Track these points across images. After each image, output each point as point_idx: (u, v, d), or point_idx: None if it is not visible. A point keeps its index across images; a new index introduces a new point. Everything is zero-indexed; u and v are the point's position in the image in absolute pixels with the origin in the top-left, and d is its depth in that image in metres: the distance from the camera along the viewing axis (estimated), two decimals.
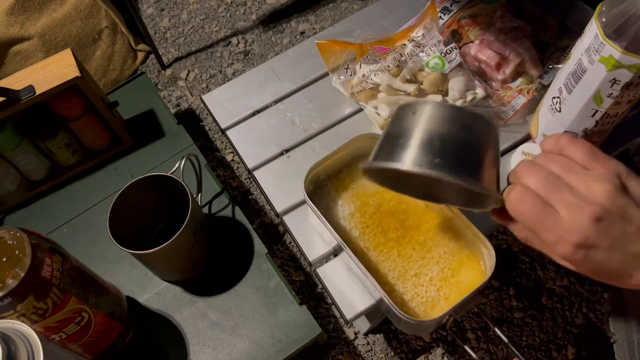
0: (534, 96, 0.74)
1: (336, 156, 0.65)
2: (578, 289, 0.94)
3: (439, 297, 0.59)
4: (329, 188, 0.67)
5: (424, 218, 0.64)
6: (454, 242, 0.62)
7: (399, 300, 0.59)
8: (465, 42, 0.79)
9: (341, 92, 0.80)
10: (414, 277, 0.60)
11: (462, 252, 0.61)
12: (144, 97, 0.94)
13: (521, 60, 0.74)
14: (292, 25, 1.31)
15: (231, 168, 1.11)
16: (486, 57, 0.74)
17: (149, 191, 0.69)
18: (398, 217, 0.64)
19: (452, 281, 0.59)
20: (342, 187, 0.67)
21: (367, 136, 0.64)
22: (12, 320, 0.49)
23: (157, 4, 1.39)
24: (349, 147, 0.65)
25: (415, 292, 0.59)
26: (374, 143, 0.61)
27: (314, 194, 0.67)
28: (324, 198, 0.67)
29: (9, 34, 1.01)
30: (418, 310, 0.58)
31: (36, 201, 0.85)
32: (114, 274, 0.76)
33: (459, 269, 0.60)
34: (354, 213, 0.66)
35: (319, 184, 0.67)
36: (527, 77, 0.75)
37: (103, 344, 0.64)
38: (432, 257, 0.61)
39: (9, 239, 0.51)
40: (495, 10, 0.80)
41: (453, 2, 0.83)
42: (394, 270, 0.61)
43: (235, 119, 0.80)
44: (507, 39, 0.75)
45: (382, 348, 0.90)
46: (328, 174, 0.67)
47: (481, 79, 0.76)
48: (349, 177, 0.68)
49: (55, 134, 0.79)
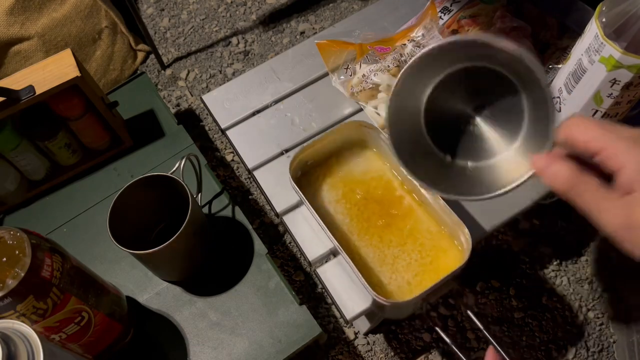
0: None
1: (323, 142, 0.67)
2: (578, 289, 0.94)
3: (416, 282, 0.61)
4: (317, 174, 0.69)
5: (406, 206, 0.66)
6: (434, 230, 0.64)
7: (376, 282, 0.61)
8: None
9: (341, 92, 0.80)
10: (393, 262, 0.63)
11: (441, 239, 0.63)
12: (144, 97, 0.94)
13: None
14: (292, 25, 1.31)
15: (231, 168, 1.11)
16: None
17: (149, 191, 0.69)
18: (382, 204, 0.66)
19: (430, 267, 0.62)
20: (329, 173, 0.69)
21: (354, 123, 0.66)
22: (12, 320, 0.49)
23: (157, 4, 1.39)
24: (336, 134, 0.67)
25: (393, 277, 0.62)
26: (361, 130, 0.63)
27: (302, 179, 0.68)
28: (312, 184, 0.68)
29: (9, 34, 1.01)
30: (395, 293, 0.60)
31: (36, 201, 0.84)
32: (114, 274, 0.76)
33: (437, 255, 0.62)
34: (339, 199, 0.67)
35: (306, 170, 0.69)
36: None
37: (103, 344, 0.64)
38: (412, 244, 0.64)
39: (9, 239, 0.51)
40: (495, 10, 0.80)
41: (453, 2, 0.83)
42: (374, 254, 0.63)
43: (235, 119, 0.80)
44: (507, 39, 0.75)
45: (382, 348, 0.90)
46: (315, 160, 0.69)
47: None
48: (336, 163, 0.70)
49: (55, 134, 0.79)
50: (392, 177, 0.69)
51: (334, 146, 0.69)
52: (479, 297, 0.93)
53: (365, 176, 0.69)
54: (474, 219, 0.68)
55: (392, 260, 0.63)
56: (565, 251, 0.97)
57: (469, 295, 0.93)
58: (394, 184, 0.68)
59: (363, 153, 0.71)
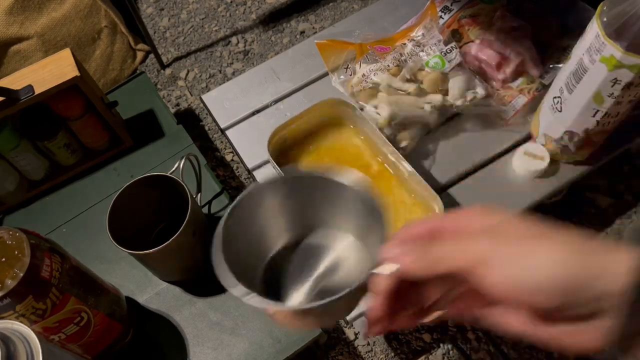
0: (534, 96, 0.73)
1: (300, 120, 0.70)
2: None
3: None
4: (295, 152, 0.72)
5: (382, 180, 0.69)
6: (409, 201, 0.67)
7: None
8: (465, 41, 0.79)
9: (341, 92, 0.80)
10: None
11: (417, 211, 0.66)
12: (143, 96, 0.94)
13: (522, 60, 0.74)
14: (292, 25, 1.31)
15: (231, 168, 1.10)
16: (487, 57, 0.74)
17: (148, 191, 0.69)
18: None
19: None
20: (307, 151, 0.72)
21: (331, 101, 0.69)
22: (11, 321, 0.49)
23: (156, 4, 1.39)
24: (313, 112, 0.70)
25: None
26: (338, 108, 0.67)
27: (281, 158, 0.71)
28: (291, 161, 0.71)
29: (8, 34, 1.01)
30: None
31: (36, 201, 0.84)
32: (113, 274, 0.76)
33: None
34: None
35: (285, 148, 0.72)
36: (528, 77, 0.75)
37: (103, 344, 0.64)
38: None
39: (8, 239, 0.51)
40: (495, 10, 0.80)
41: (453, 2, 0.83)
42: None
43: (235, 118, 0.80)
44: (508, 39, 0.75)
45: (382, 348, 0.90)
46: (294, 139, 0.72)
47: (482, 78, 0.76)
48: (314, 141, 0.73)
49: (55, 134, 0.79)
50: (369, 152, 0.71)
51: (311, 124, 0.72)
52: None
53: (342, 152, 0.72)
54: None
55: None
56: None
57: None
58: (371, 159, 0.70)
59: (340, 130, 0.73)
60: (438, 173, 0.73)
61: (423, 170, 0.73)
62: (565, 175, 0.72)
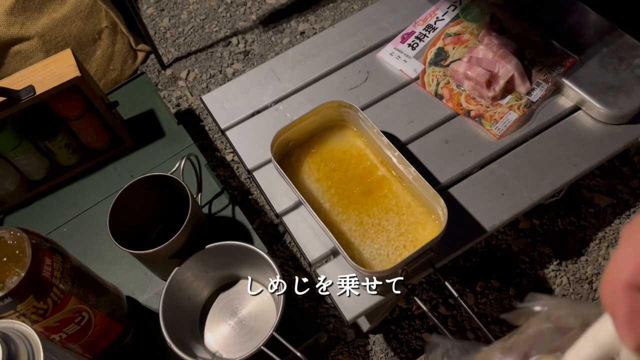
0: (524, 112, 0.74)
1: (303, 122, 0.70)
2: (578, 289, 0.94)
3: (395, 255, 0.64)
4: (298, 154, 0.72)
5: (385, 182, 0.69)
6: (412, 204, 0.67)
7: (357, 256, 0.64)
8: (452, 59, 0.79)
9: (340, 93, 0.80)
10: (373, 236, 0.65)
11: (420, 213, 0.66)
12: (144, 97, 0.94)
13: (510, 77, 0.75)
14: (292, 25, 1.31)
15: (231, 168, 1.11)
16: (476, 75, 0.75)
17: (149, 191, 0.69)
18: (361, 181, 0.69)
19: (409, 239, 0.64)
20: (309, 153, 0.72)
21: (333, 103, 0.69)
22: (12, 320, 0.49)
23: (157, 4, 1.39)
24: (315, 114, 0.70)
25: (374, 250, 0.64)
26: (340, 110, 0.68)
27: (284, 160, 0.71)
28: (293, 163, 0.71)
29: (9, 34, 1.01)
30: (375, 265, 0.63)
31: (36, 201, 0.84)
32: (114, 274, 0.76)
33: (415, 228, 0.65)
34: (320, 177, 0.70)
35: (288, 150, 0.72)
36: (516, 94, 0.76)
37: (103, 344, 0.64)
38: (392, 219, 0.66)
39: (9, 239, 0.51)
40: (479, 28, 0.80)
41: (437, 20, 0.84)
42: (355, 230, 0.66)
43: (235, 119, 0.80)
44: (496, 56, 0.76)
45: (382, 348, 0.90)
46: (296, 140, 0.72)
47: (471, 96, 0.77)
48: (316, 143, 0.72)
49: (55, 134, 0.79)
50: (371, 155, 0.71)
51: (314, 126, 0.72)
52: (479, 297, 0.93)
53: (345, 155, 0.71)
54: (474, 219, 0.68)
55: (373, 235, 0.65)
56: (565, 251, 0.97)
57: (469, 295, 0.93)
58: (374, 161, 0.70)
59: (342, 132, 0.73)
60: (438, 173, 0.73)
61: (424, 171, 0.73)
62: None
